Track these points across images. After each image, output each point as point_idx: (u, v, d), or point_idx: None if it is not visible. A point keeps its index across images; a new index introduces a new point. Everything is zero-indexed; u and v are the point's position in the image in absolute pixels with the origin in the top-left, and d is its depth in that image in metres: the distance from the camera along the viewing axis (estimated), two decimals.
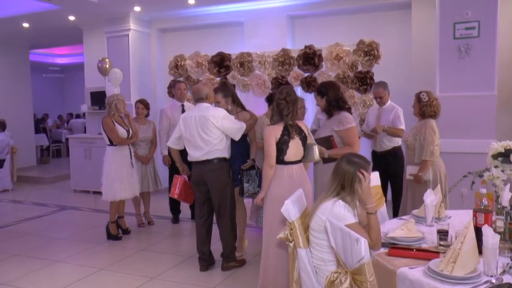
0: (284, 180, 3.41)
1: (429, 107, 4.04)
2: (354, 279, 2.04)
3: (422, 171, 3.95)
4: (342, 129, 3.75)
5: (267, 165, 3.42)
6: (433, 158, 3.94)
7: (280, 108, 3.43)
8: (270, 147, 3.38)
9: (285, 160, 3.43)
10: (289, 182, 3.39)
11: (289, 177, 3.42)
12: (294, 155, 3.45)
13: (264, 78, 6.26)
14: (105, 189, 5.17)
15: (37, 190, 8.71)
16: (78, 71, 12.73)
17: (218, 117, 3.96)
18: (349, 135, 3.75)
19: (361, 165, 2.47)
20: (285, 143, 3.40)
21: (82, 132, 11.98)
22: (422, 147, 3.96)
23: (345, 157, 2.55)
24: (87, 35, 8.69)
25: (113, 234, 5.24)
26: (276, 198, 3.33)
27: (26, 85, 10.53)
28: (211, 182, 4.08)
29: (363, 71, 5.71)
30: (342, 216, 2.33)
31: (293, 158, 3.45)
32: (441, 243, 2.39)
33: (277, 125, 3.43)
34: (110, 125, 5.11)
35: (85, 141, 8.25)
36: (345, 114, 3.82)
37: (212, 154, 4.03)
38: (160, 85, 8.12)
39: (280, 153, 3.40)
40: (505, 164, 2.37)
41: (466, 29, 4.76)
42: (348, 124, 3.74)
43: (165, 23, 8.01)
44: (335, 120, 3.82)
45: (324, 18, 6.91)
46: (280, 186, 3.39)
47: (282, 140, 3.39)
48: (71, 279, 4.08)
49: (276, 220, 3.34)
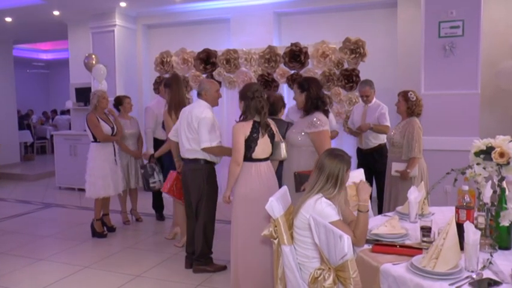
0: (252, 177, 3.36)
1: (417, 106, 4.10)
2: (337, 276, 2.05)
3: (411, 168, 4.01)
4: (314, 132, 3.50)
5: (234, 162, 3.34)
6: (420, 155, 4.02)
7: (260, 106, 3.38)
8: (239, 144, 3.31)
9: (253, 157, 3.37)
10: (257, 179, 3.35)
11: (258, 175, 3.37)
12: (262, 152, 3.39)
13: (250, 75, 6.25)
14: (88, 186, 5.13)
15: (21, 187, 8.60)
16: (63, 66, 12.58)
17: (198, 118, 3.81)
18: (320, 139, 3.49)
19: (344, 159, 2.49)
20: (253, 141, 3.34)
21: (67, 128, 11.86)
22: (410, 145, 4.01)
23: (327, 152, 2.56)
24: (72, 31, 8.58)
25: (98, 232, 5.20)
26: (244, 196, 3.33)
27: (10, 81, 10.37)
28: (188, 182, 4.01)
29: (348, 69, 5.73)
30: (325, 214, 2.34)
31: (261, 155, 3.40)
32: (424, 240, 2.42)
33: (246, 122, 3.36)
34: (94, 122, 5.07)
35: (70, 138, 8.16)
36: (319, 115, 3.55)
37: (192, 153, 3.94)
38: (146, 81, 8.08)
39: (248, 150, 3.34)
40: (486, 161, 2.40)
41: (451, 28, 4.81)
42: (321, 127, 3.49)
43: (151, 19, 7.95)
44: (307, 120, 3.56)
45: (310, 16, 6.92)
46: (249, 184, 3.35)
47: (251, 138, 3.33)
48: (55, 277, 4.04)
49: (246, 218, 3.32)
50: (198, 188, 3.96)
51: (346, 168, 2.48)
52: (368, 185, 2.48)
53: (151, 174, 4.94)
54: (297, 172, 3.52)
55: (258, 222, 3.23)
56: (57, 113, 15.08)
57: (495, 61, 5.54)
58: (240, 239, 3.38)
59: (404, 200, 3.84)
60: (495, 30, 5.64)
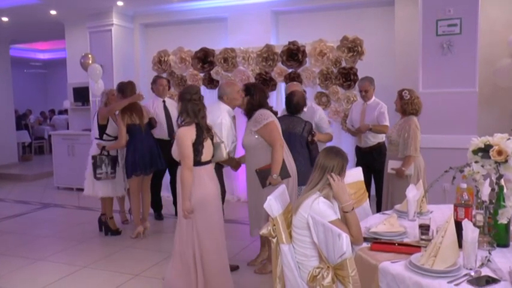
0: (205, 180, 3.30)
1: (410, 105, 4.11)
2: (336, 275, 2.05)
3: (406, 166, 4.01)
4: (260, 127, 3.68)
5: (187, 169, 3.18)
6: (416, 154, 4.03)
7: (197, 109, 3.29)
8: (187, 149, 3.19)
9: (202, 161, 3.29)
10: (209, 182, 3.33)
11: (209, 177, 3.34)
12: (208, 154, 3.36)
13: (247, 74, 6.25)
14: (87, 184, 5.12)
15: (19, 188, 8.57)
16: (60, 66, 12.54)
17: (215, 122, 3.76)
18: (267, 131, 3.66)
19: (342, 156, 2.49)
20: (200, 143, 3.26)
21: (65, 128, 11.83)
22: (406, 143, 4.03)
23: (324, 151, 2.56)
24: (69, 30, 8.55)
25: (113, 230, 5.22)
26: (202, 200, 3.26)
27: (7, 81, 10.34)
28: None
29: (346, 67, 5.74)
30: (323, 213, 2.34)
31: (208, 157, 3.37)
32: (423, 238, 2.42)
33: (189, 127, 3.26)
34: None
35: (68, 138, 8.13)
36: (261, 111, 3.75)
37: None
38: (143, 81, 8.04)
39: (197, 154, 3.24)
40: (484, 159, 2.40)
41: (449, 26, 4.81)
42: (264, 120, 3.67)
43: (148, 18, 7.93)
44: (252, 120, 3.78)
45: (308, 14, 6.92)
46: (203, 187, 3.28)
47: (197, 141, 3.25)
48: (53, 277, 4.03)
49: (205, 221, 3.28)
50: None
51: (344, 164, 2.49)
52: (343, 184, 2.47)
53: (99, 165, 4.97)
54: (257, 169, 3.70)
55: (215, 223, 3.32)
56: (55, 112, 15.04)
57: (493, 59, 5.54)
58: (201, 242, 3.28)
59: (400, 198, 3.89)
60: (492, 28, 5.64)
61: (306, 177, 2.73)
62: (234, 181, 6.61)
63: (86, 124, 8.13)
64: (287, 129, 3.97)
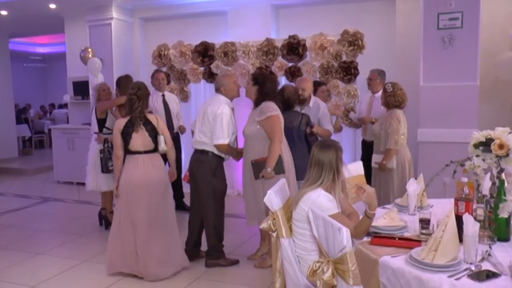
0: (129, 168, 3.76)
1: (393, 97, 4.11)
2: (336, 269, 2.05)
3: (387, 160, 4.03)
4: (263, 118, 3.71)
5: (114, 156, 3.86)
6: (397, 147, 4.02)
7: (132, 103, 3.75)
8: (116, 138, 3.76)
9: (130, 149, 3.76)
10: (133, 169, 3.74)
11: (134, 165, 3.75)
12: (141, 145, 3.76)
13: (248, 68, 6.23)
14: (90, 179, 5.11)
15: (19, 182, 8.58)
16: (60, 60, 12.50)
17: (215, 113, 3.83)
18: (270, 124, 3.70)
19: (336, 148, 2.48)
20: (128, 134, 3.72)
21: (65, 122, 11.82)
22: (387, 136, 4.03)
23: (318, 145, 2.55)
24: (68, 24, 8.51)
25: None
26: (124, 185, 3.74)
27: (6, 74, 10.31)
28: (195, 173, 4.00)
29: (347, 61, 5.71)
30: (324, 207, 2.34)
31: (141, 148, 3.76)
32: (423, 232, 2.42)
33: (124, 118, 3.79)
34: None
35: (68, 132, 8.14)
36: (268, 103, 3.78)
37: (201, 145, 3.93)
38: (143, 75, 8.00)
39: (125, 143, 3.74)
40: (485, 153, 2.39)
41: (450, 20, 4.78)
42: (269, 112, 3.70)
43: (148, 11, 7.89)
44: (257, 110, 3.81)
45: (308, 8, 6.88)
46: (126, 173, 3.76)
47: (124, 131, 3.72)
48: (53, 271, 4.03)
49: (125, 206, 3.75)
50: (205, 181, 3.93)
51: (339, 156, 2.48)
52: (372, 191, 2.41)
53: (109, 157, 4.94)
54: (253, 160, 3.76)
55: (135, 210, 3.72)
56: (54, 106, 15.03)
57: (494, 52, 5.51)
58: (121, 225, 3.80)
59: (386, 192, 3.94)
60: (494, 21, 5.61)
61: (305, 171, 2.74)
62: (234, 175, 6.61)
63: (85, 118, 8.11)
64: (285, 125, 3.96)
